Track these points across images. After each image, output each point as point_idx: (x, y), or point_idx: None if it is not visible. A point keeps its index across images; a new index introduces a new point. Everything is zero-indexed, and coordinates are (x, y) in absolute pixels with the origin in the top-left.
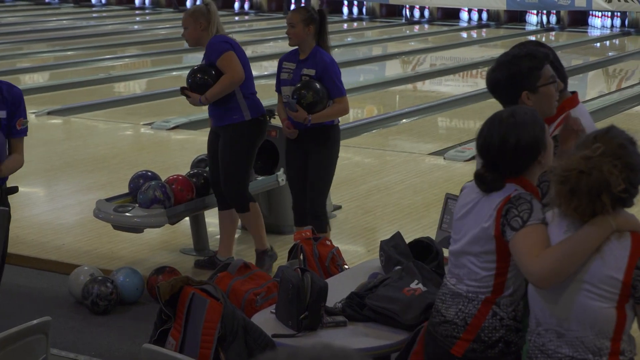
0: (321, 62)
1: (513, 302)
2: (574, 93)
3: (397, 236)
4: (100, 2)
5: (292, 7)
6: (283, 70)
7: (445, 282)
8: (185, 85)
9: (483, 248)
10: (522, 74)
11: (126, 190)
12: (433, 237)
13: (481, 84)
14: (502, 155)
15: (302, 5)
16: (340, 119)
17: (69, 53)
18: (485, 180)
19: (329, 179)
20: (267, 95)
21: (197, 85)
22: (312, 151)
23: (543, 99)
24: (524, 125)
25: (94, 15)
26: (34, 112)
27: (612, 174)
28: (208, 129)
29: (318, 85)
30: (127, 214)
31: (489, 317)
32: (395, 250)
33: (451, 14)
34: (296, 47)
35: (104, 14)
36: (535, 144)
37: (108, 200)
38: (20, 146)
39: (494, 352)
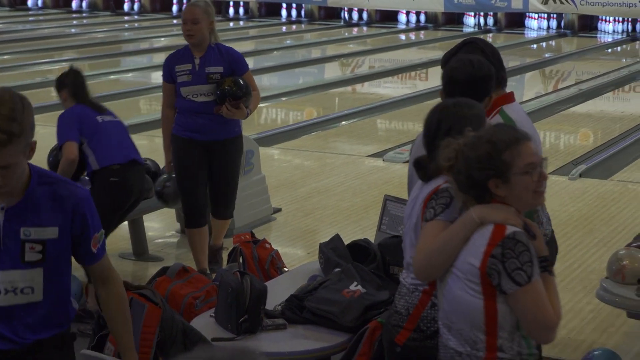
0: None
1: None
2: (509, 92)
3: (336, 238)
4: (37, 5)
5: (231, 10)
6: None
7: (401, 274)
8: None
9: (416, 243)
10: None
11: None
12: (372, 238)
13: (420, 85)
14: (436, 141)
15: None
16: (279, 121)
17: (5, 57)
18: (421, 166)
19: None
20: None
21: (233, 95)
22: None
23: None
24: (462, 116)
25: (30, 19)
26: None
27: (460, 172)
28: (146, 133)
29: None
30: None
31: (428, 307)
32: (334, 253)
33: (389, 17)
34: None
35: (41, 18)
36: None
37: None
38: None
39: (433, 342)
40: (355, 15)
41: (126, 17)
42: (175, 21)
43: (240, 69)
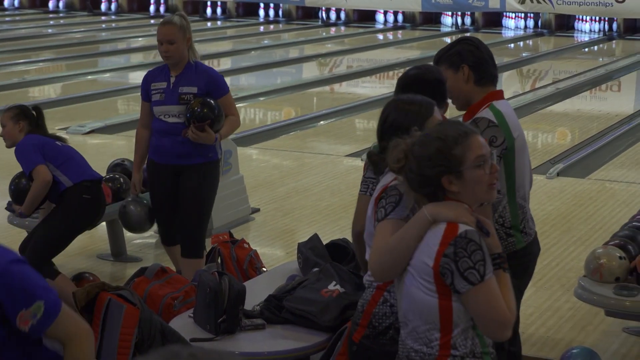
0: None
1: None
2: (499, 90)
3: (315, 238)
4: (13, 5)
5: (209, 10)
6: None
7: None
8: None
9: (370, 238)
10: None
11: None
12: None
13: None
14: (383, 134)
15: None
16: (257, 121)
17: None
18: (373, 159)
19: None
20: None
21: (198, 118)
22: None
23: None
24: (408, 110)
25: (7, 19)
26: None
27: (410, 169)
28: (124, 133)
29: None
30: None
31: (380, 303)
32: (312, 252)
33: (367, 16)
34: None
35: (17, 18)
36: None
37: None
38: None
39: (385, 339)
40: (333, 15)
41: (103, 17)
42: (152, 21)
43: (218, 91)
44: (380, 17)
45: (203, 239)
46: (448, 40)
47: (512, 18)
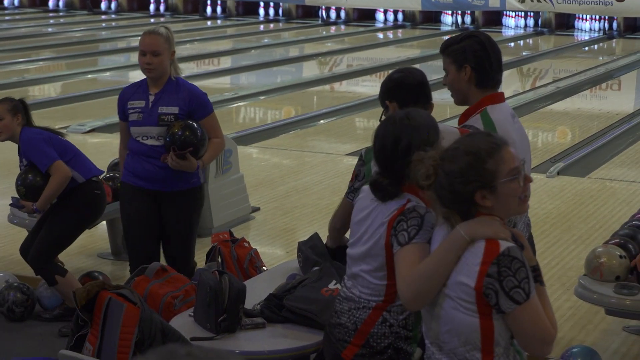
0: None
1: (405, 310)
2: (499, 92)
3: (315, 237)
4: (13, 4)
5: (209, 9)
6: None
7: (343, 283)
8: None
9: (375, 259)
10: None
11: None
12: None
13: None
14: (395, 158)
15: None
16: (257, 119)
17: None
18: (380, 187)
19: None
20: None
21: (179, 144)
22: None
23: None
24: (417, 127)
25: (7, 18)
26: None
27: (442, 186)
28: None
29: None
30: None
31: (379, 323)
32: (312, 251)
33: (367, 15)
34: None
35: (17, 17)
36: (428, 146)
37: None
38: None
39: (383, 358)
40: (333, 14)
41: (103, 16)
42: (152, 20)
43: (201, 111)
44: (380, 15)
45: (191, 266)
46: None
47: (512, 17)
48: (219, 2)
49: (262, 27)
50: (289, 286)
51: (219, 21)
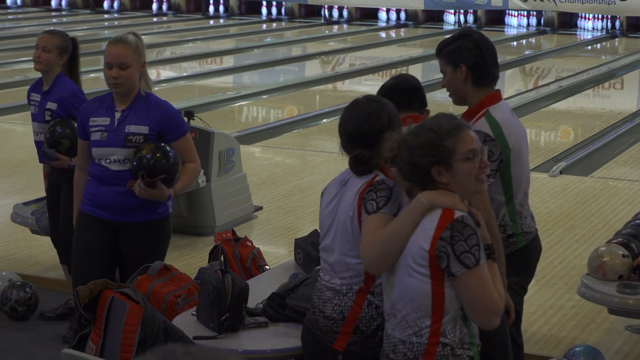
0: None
1: None
2: (496, 91)
3: (315, 233)
4: (16, 3)
5: (211, 8)
6: (31, 103)
7: (320, 279)
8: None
9: (352, 236)
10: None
11: (44, 194)
12: None
13: None
14: (371, 135)
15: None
16: (260, 119)
17: None
18: (363, 160)
19: None
20: (184, 97)
21: (149, 170)
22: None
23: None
24: (382, 108)
25: (10, 17)
26: None
27: (401, 159)
28: None
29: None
30: (46, 217)
31: (365, 306)
32: (313, 247)
33: (370, 14)
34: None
35: (20, 16)
36: (390, 128)
37: (25, 204)
38: None
39: (374, 341)
40: (335, 13)
41: (106, 15)
42: (155, 19)
43: (173, 132)
44: (382, 15)
45: None
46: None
47: (514, 16)
48: (221, 1)
49: (264, 26)
50: (292, 285)
51: (221, 20)
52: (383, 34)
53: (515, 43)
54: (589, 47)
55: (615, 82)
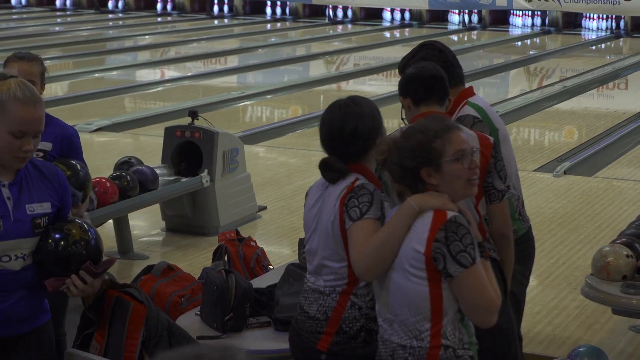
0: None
1: (370, 291)
2: (470, 87)
3: None
4: (20, 3)
5: (216, 8)
6: None
7: (306, 280)
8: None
9: (333, 241)
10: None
11: None
12: None
13: None
14: (342, 141)
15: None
16: (264, 119)
17: None
18: (329, 166)
19: None
20: (188, 97)
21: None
22: None
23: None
24: (362, 112)
25: (14, 17)
26: None
27: (393, 162)
28: (131, 131)
29: None
30: None
31: (348, 307)
32: None
33: (374, 14)
34: None
35: (24, 16)
36: (373, 131)
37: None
38: None
39: (357, 342)
40: (339, 13)
41: (110, 15)
42: (159, 19)
43: (68, 203)
44: (387, 14)
45: None
46: (455, 38)
47: (519, 16)
48: (225, 1)
49: (269, 26)
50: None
51: (225, 20)
52: (387, 34)
53: (519, 43)
54: (594, 47)
55: (620, 82)
